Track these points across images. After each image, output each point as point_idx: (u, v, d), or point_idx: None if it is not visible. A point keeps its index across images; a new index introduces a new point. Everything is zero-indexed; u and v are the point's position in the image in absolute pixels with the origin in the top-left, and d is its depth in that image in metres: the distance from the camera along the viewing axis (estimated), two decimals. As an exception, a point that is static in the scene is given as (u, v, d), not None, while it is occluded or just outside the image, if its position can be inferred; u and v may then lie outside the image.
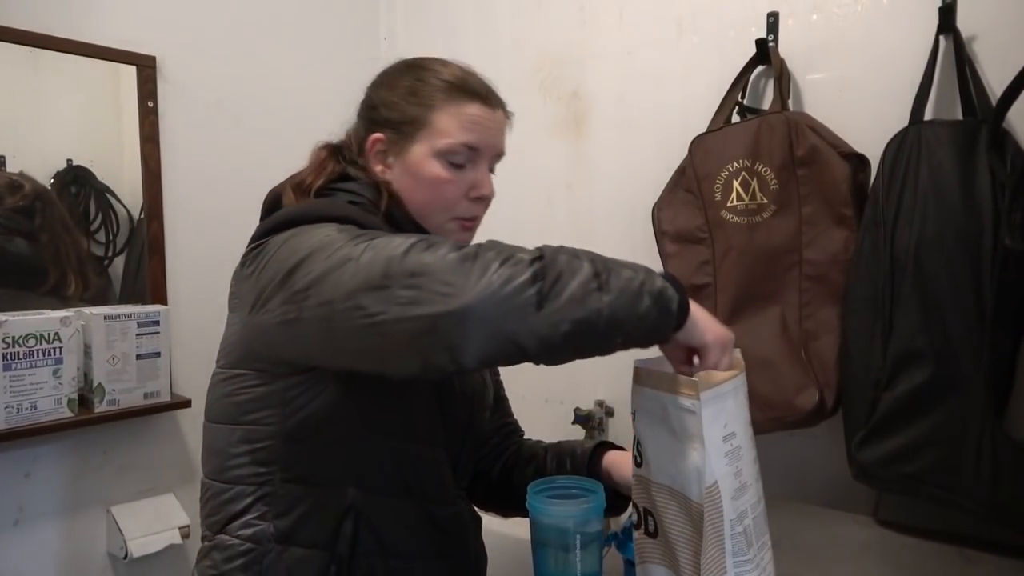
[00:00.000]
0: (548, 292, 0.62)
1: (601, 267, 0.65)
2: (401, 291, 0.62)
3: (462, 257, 0.63)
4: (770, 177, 1.31)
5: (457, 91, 0.90)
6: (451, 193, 0.90)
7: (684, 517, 0.74)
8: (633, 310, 0.65)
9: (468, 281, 0.61)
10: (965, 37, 1.22)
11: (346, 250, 0.68)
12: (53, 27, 1.52)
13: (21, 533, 1.50)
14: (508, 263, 0.62)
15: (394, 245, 0.65)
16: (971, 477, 1.07)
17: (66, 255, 1.57)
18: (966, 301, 1.07)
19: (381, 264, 0.64)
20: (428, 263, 0.63)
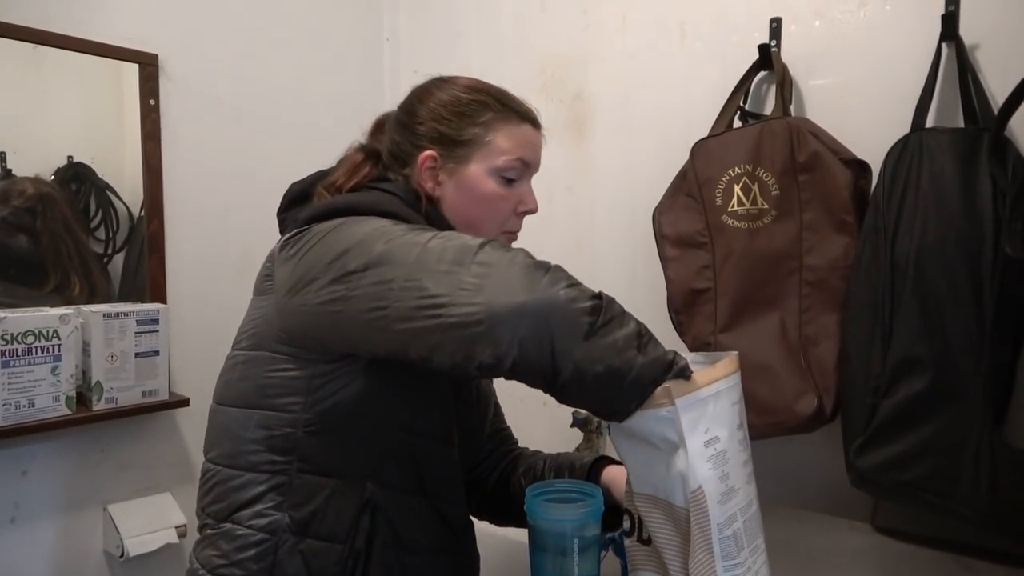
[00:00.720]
0: (600, 328, 0.66)
1: (644, 331, 0.70)
2: (469, 278, 0.67)
3: (537, 264, 0.69)
4: (771, 182, 1.31)
5: (511, 112, 0.93)
6: (504, 208, 0.94)
7: (670, 524, 0.74)
8: (656, 381, 0.69)
9: (537, 284, 0.66)
10: (967, 45, 1.22)
11: (410, 236, 0.72)
12: (56, 24, 1.52)
13: (18, 531, 1.50)
14: (575, 287, 0.68)
15: (468, 238, 0.71)
16: (969, 485, 1.07)
17: (68, 256, 1.57)
18: (966, 309, 1.07)
19: (453, 251, 0.69)
20: (504, 258, 0.68)
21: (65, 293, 1.57)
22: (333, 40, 2.05)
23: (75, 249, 1.59)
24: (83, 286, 1.59)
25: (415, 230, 0.74)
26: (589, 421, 1.75)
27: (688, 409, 0.71)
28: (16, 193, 1.51)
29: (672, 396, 0.70)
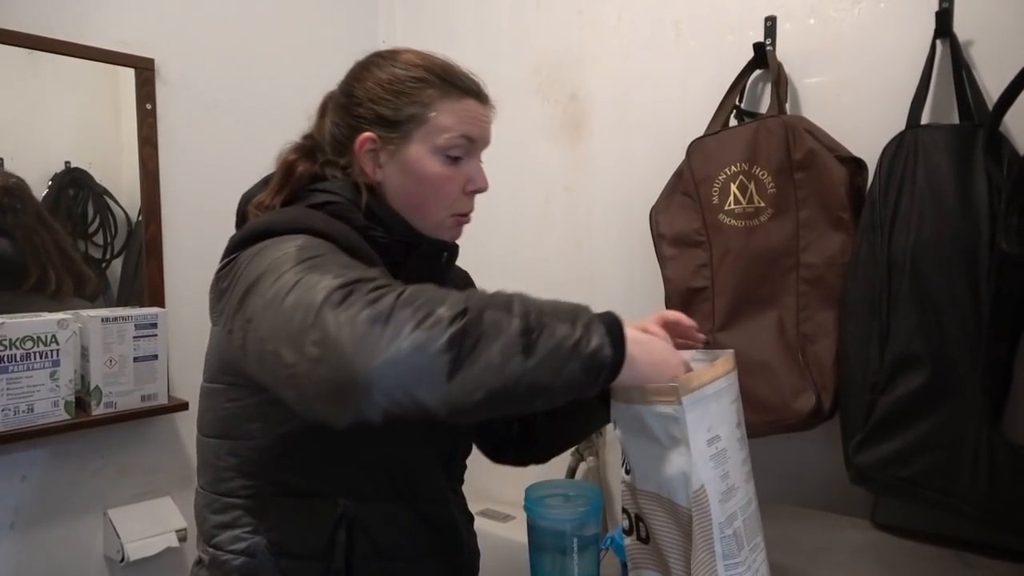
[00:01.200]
0: (464, 359, 0.59)
1: (534, 323, 0.63)
2: (311, 348, 0.60)
3: (374, 318, 0.59)
4: (767, 181, 1.31)
5: (452, 87, 0.88)
6: (451, 190, 0.89)
7: (672, 523, 0.74)
8: (557, 376, 0.63)
9: (377, 347, 0.57)
10: (962, 41, 1.22)
11: (281, 282, 0.66)
12: (52, 29, 1.52)
13: (17, 536, 1.50)
14: (423, 325, 0.59)
15: (316, 291, 0.62)
16: (968, 481, 1.07)
17: (44, 250, 1.53)
18: (963, 305, 1.07)
19: (300, 313, 0.62)
20: (338, 323, 0.59)
21: (46, 290, 1.54)
22: (329, 43, 2.05)
23: (52, 242, 1.55)
24: (63, 280, 1.55)
25: (299, 265, 0.68)
26: (588, 421, 1.75)
27: (693, 407, 0.71)
28: None
29: (679, 394, 0.70)
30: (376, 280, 0.64)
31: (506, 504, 1.81)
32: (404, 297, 0.61)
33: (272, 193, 0.88)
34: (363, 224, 0.85)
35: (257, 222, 0.81)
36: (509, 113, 1.90)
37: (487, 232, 1.97)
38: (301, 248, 0.72)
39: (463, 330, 0.59)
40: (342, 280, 0.63)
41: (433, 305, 0.60)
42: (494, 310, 0.62)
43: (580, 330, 0.64)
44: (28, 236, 1.52)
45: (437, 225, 0.91)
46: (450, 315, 0.60)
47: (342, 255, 0.74)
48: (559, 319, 0.64)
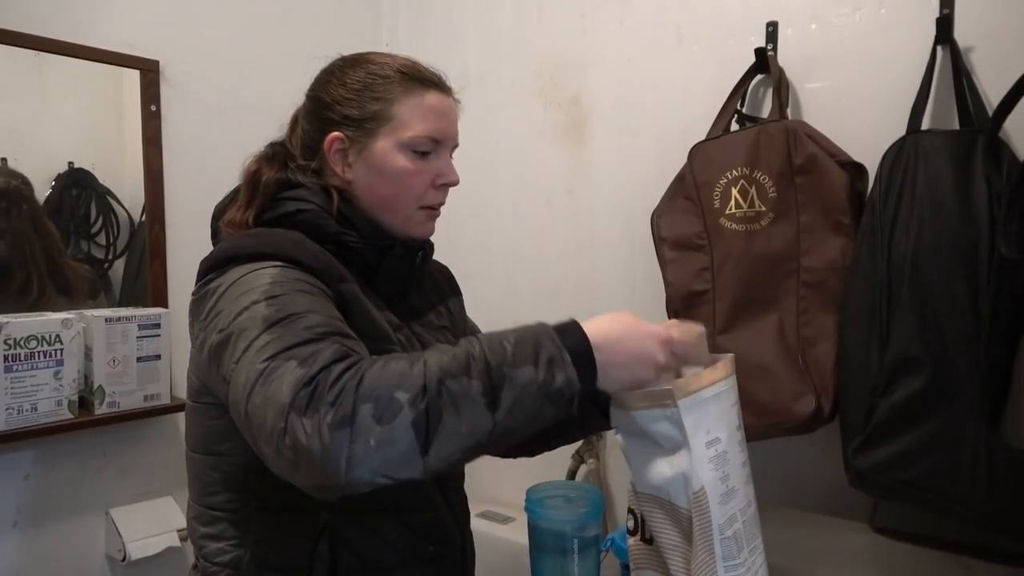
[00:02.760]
0: (432, 435, 0.61)
1: (496, 377, 0.63)
2: (287, 451, 0.61)
3: (339, 422, 0.59)
4: (768, 185, 1.32)
5: (413, 81, 0.89)
6: (419, 183, 0.90)
7: (672, 524, 0.75)
8: (529, 418, 0.65)
9: (346, 453, 0.59)
10: (962, 48, 1.23)
11: (250, 359, 0.67)
12: (57, 31, 1.53)
13: (20, 535, 1.50)
14: (386, 418, 0.60)
15: (282, 391, 0.62)
16: (967, 484, 1.07)
17: (32, 257, 1.52)
18: (962, 309, 1.08)
19: (271, 414, 0.62)
20: (306, 433, 0.60)
21: (27, 297, 1.52)
22: (333, 45, 2.03)
23: (41, 249, 1.53)
24: (46, 287, 1.54)
25: (271, 334, 0.68)
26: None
27: (691, 410, 0.71)
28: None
29: (675, 396, 0.70)
30: (338, 361, 0.64)
31: (506, 506, 1.81)
32: (364, 388, 0.61)
33: (242, 207, 0.89)
34: (335, 230, 0.86)
35: (225, 247, 0.82)
36: (511, 117, 1.92)
37: (489, 235, 1.99)
38: (269, 298, 0.72)
39: (425, 410, 0.61)
40: (306, 373, 0.63)
41: (393, 389, 0.61)
42: (453, 378, 0.63)
43: (543, 371, 0.65)
44: (19, 242, 1.51)
45: (407, 219, 0.91)
46: (409, 397, 0.61)
47: (305, 295, 0.74)
48: (521, 363, 0.65)
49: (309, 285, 0.77)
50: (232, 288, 0.76)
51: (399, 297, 0.96)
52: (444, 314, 1.04)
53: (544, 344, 0.67)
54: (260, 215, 0.88)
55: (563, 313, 2.01)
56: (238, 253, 0.80)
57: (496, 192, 1.95)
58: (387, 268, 0.91)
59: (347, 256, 0.88)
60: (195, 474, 0.89)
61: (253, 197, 0.89)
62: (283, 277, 0.75)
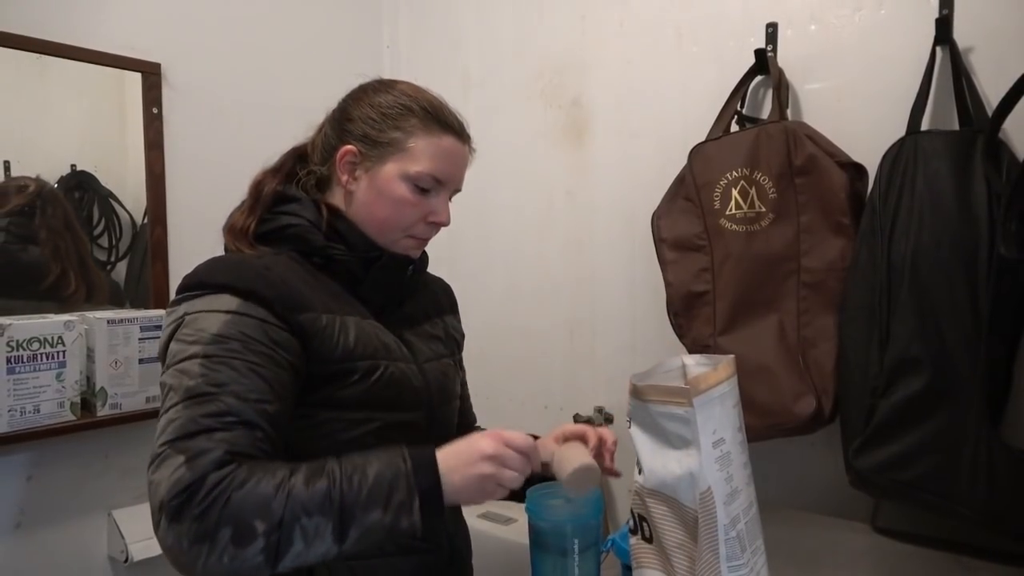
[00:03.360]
0: (282, 559, 0.71)
1: (347, 518, 0.72)
2: (159, 536, 0.71)
3: (199, 536, 0.68)
4: (768, 186, 1.32)
5: (434, 122, 0.94)
6: (411, 215, 0.95)
7: (678, 523, 0.75)
8: (370, 547, 0.75)
9: (200, 565, 0.69)
10: (961, 48, 1.23)
11: (161, 430, 0.75)
12: (59, 34, 1.53)
13: (22, 536, 1.50)
14: (241, 543, 0.69)
15: (159, 492, 0.70)
16: (967, 484, 1.07)
17: (66, 253, 1.57)
18: (962, 309, 1.08)
19: (153, 502, 0.71)
20: (170, 537, 0.69)
21: (62, 293, 1.56)
22: (334, 48, 2.07)
23: (74, 247, 1.59)
24: (79, 285, 1.59)
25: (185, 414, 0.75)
26: (590, 424, 1.76)
27: (702, 408, 0.72)
28: (15, 189, 1.51)
29: (690, 396, 0.71)
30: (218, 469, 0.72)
31: (507, 506, 1.82)
32: (227, 511, 0.69)
33: (245, 215, 0.96)
34: (321, 244, 0.92)
35: (200, 270, 0.87)
36: (512, 118, 1.93)
37: (490, 235, 1.99)
38: (205, 357, 0.78)
39: (276, 542, 0.70)
40: (185, 479, 0.70)
41: (252, 519, 0.70)
42: (308, 515, 0.71)
43: (391, 515, 0.74)
44: (53, 239, 1.56)
45: (393, 242, 0.96)
46: (265, 528, 0.70)
47: (239, 360, 0.79)
48: (372, 505, 0.73)
49: (252, 343, 0.80)
50: (188, 323, 0.82)
51: (393, 307, 1.00)
52: (439, 325, 1.09)
53: (398, 487, 0.75)
54: (259, 225, 0.94)
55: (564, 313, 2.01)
56: (204, 281, 0.85)
57: (497, 193, 1.95)
58: (373, 279, 0.95)
59: (335, 268, 0.93)
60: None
61: (255, 206, 0.96)
62: (230, 330, 0.80)
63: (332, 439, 0.88)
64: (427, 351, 1.01)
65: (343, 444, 0.88)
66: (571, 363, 1.84)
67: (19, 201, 1.52)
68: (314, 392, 0.86)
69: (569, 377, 1.85)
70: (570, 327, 1.85)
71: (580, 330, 1.83)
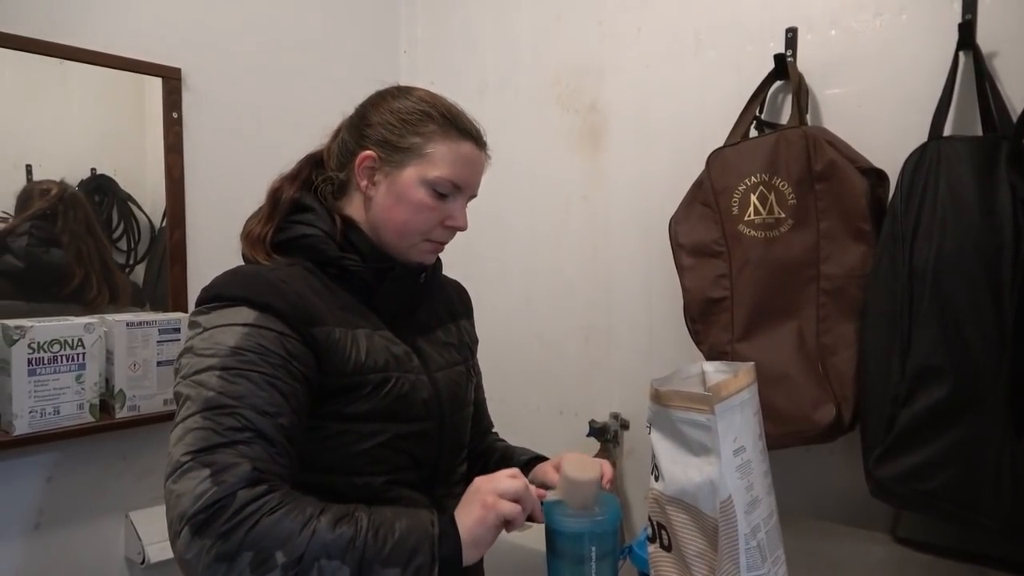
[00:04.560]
0: None
1: (364, 570, 0.71)
2: (178, 549, 0.70)
3: (220, 556, 0.68)
4: (788, 191, 1.31)
5: (452, 128, 0.95)
6: (430, 219, 0.95)
7: (698, 532, 0.74)
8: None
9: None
10: (985, 53, 1.22)
11: (179, 437, 0.74)
12: (81, 39, 1.55)
13: (41, 537, 1.52)
14: (259, 571, 0.68)
15: (184, 501, 0.70)
16: (991, 495, 1.06)
17: (88, 258, 1.59)
18: (986, 317, 1.07)
19: (174, 515, 0.70)
20: (192, 553, 0.68)
21: (86, 297, 1.59)
22: (352, 52, 2.08)
23: (96, 251, 1.61)
24: (102, 289, 1.61)
25: (206, 426, 0.75)
26: (605, 430, 1.75)
27: (723, 416, 0.71)
28: (39, 193, 1.53)
29: (712, 403, 0.70)
30: (247, 488, 0.71)
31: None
32: (252, 536, 0.69)
33: (263, 222, 0.97)
34: (335, 255, 0.94)
35: (217, 282, 0.88)
36: (528, 123, 1.93)
37: (506, 241, 1.99)
38: (223, 369, 0.78)
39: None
40: (212, 494, 0.70)
41: (274, 549, 0.69)
42: (328, 559, 0.70)
43: (411, 573, 0.73)
44: (75, 242, 1.57)
45: (410, 247, 0.97)
46: (285, 562, 0.69)
47: (257, 374, 0.79)
48: (392, 563, 0.72)
49: (270, 355, 0.81)
50: (206, 335, 0.82)
51: (405, 314, 1.00)
52: (453, 331, 1.09)
53: (421, 550, 0.74)
54: (276, 234, 0.96)
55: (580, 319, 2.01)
56: (221, 294, 0.86)
57: (513, 198, 1.95)
58: (387, 290, 0.96)
59: (348, 278, 0.94)
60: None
61: (272, 214, 0.97)
62: (247, 343, 0.80)
63: (343, 451, 0.88)
64: (439, 360, 1.01)
65: (354, 456, 0.89)
66: (587, 369, 1.83)
67: (42, 205, 1.53)
68: (325, 404, 0.87)
69: (585, 383, 1.84)
70: (586, 333, 1.84)
71: (596, 336, 1.82)
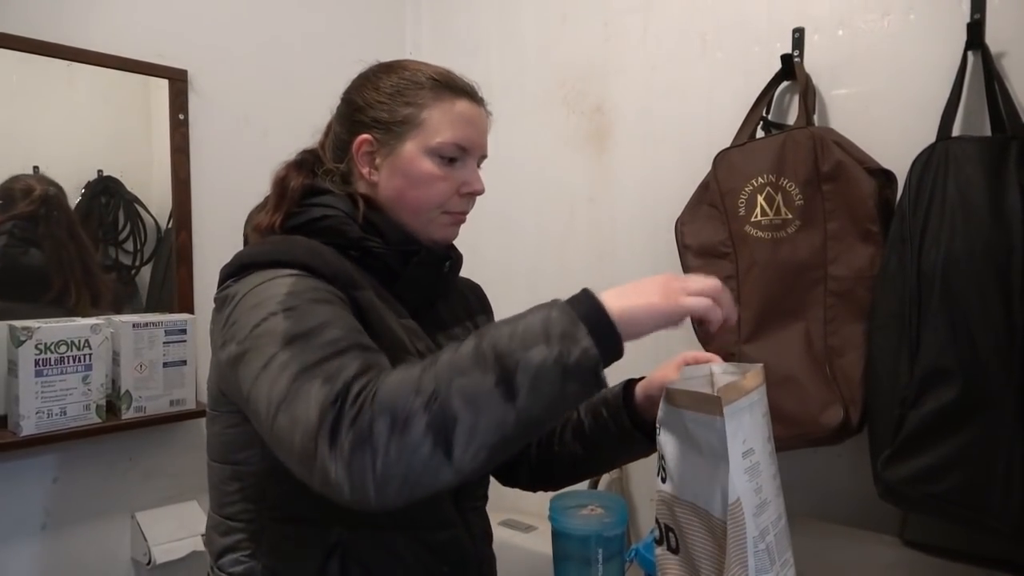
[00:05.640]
0: (452, 437, 0.60)
1: (509, 364, 0.61)
2: (317, 476, 0.62)
3: (359, 442, 0.59)
4: (795, 192, 1.31)
5: (445, 89, 0.90)
6: (443, 190, 0.90)
7: (707, 534, 0.74)
8: (551, 401, 0.63)
9: (370, 475, 0.59)
10: (994, 53, 1.21)
11: (271, 377, 0.67)
12: (88, 41, 1.56)
13: (48, 537, 1.52)
14: (401, 430, 0.59)
15: (310, 413, 0.62)
16: (1000, 497, 1.05)
17: (69, 264, 1.55)
18: (995, 319, 1.06)
19: (299, 437, 0.62)
20: (335, 462, 0.60)
21: (66, 303, 1.55)
22: (357, 54, 2.05)
23: (77, 256, 1.56)
24: (82, 294, 1.57)
25: (291, 351, 0.67)
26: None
27: (732, 418, 0.71)
28: (21, 193, 1.49)
29: (721, 405, 0.70)
30: (359, 376, 0.64)
31: (528, 514, 1.80)
32: (379, 401, 0.61)
33: (270, 212, 0.90)
34: (358, 236, 0.87)
35: (243, 253, 0.83)
36: (534, 125, 1.92)
37: (511, 243, 1.98)
38: (286, 310, 0.71)
39: (440, 412, 0.60)
40: (331, 391, 0.62)
41: (405, 397, 0.61)
42: (463, 374, 0.61)
43: (556, 346, 0.62)
44: (56, 249, 1.53)
45: (429, 222, 0.91)
46: (422, 402, 0.60)
47: (323, 305, 0.74)
48: (531, 343, 0.62)
49: (327, 293, 0.76)
50: (248, 297, 0.75)
51: (425, 307, 0.95)
52: (471, 329, 1.00)
53: (554, 319, 0.64)
54: (286, 220, 0.88)
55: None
56: (254, 260, 0.80)
57: (519, 200, 1.95)
58: (411, 275, 0.90)
59: (371, 263, 0.88)
60: (214, 483, 0.89)
61: (280, 202, 0.90)
62: (300, 287, 0.75)
63: None
64: None
65: None
66: (592, 370, 1.83)
67: (24, 208, 1.50)
68: None
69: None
70: (592, 334, 1.83)
71: (602, 337, 1.81)
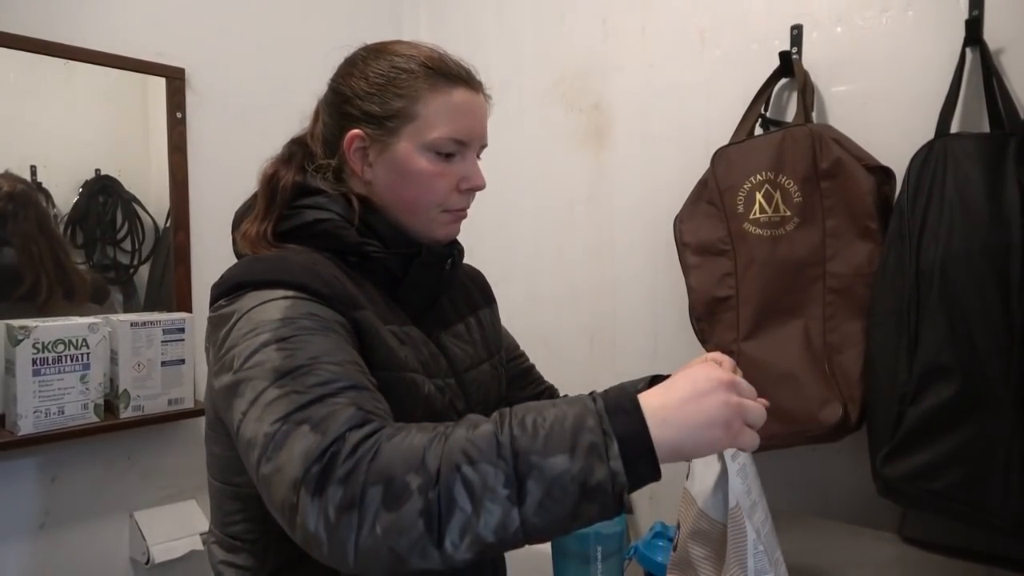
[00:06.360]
0: (445, 532, 0.55)
1: (523, 466, 0.55)
2: (298, 531, 0.57)
3: (347, 504, 0.55)
4: (793, 189, 1.31)
5: (439, 77, 0.84)
6: (441, 187, 0.84)
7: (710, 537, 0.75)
8: (561, 517, 0.56)
9: (352, 540, 0.55)
10: (992, 49, 1.21)
11: (258, 414, 0.62)
12: (85, 40, 1.56)
13: (46, 537, 1.52)
14: (393, 506, 0.55)
15: (294, 465, 0.57)
16: (999, 495, 1.05)
17: (40, 259, 1.52)
18: (994, 315, 1.06)
19: (282, 488, 0.58)
20: (316, 517, 0.56)
21: (36, 299, 1.52)
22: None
23: (48, 251, 1.54)
24: (54, 289, 1.54)
25: (281, 389, 0.63)
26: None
27: None
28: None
29: None
30: (355, 428, 0.59)
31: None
32: (376, 466, 0.56)
33: (260, 217, 0.84)
34: (356, 241, 0.82)
35: (235, 272, 0.78)
36: (532, 122, 1.92)
37: (510, 240, 1.98)
38: (279, 340, 0.67)
39: (436, 500, 0.55)
40: (319, 444, 0.58)
41: (405, 472, 0.56)
42: (471, 464, 0.56)
43: (581, 460, 0.56)
44: (26, 244, 1.51)
45: (429, 222, 0.86)
46: (420, 483, 0.55)
47: (318, 336, 0.69)
48: (553, 448, 0.56)
49: (322, 320, 0.71)
50: (243, 321, 0.71)
51: (427, 306, 0.91)
52: (475, 326, 0.99)
53: (586, 426, 0.57)
54: (277, 225, 0.84)
55: (585, 319, 2.00)
56: (247, 280, 0.75)
57: (517, 198, 1.95)
58: (414, 278, 0.86)
59: (370, 267, 0.84)
60: (216, 501, 0.86)
61: (270, 206, 0.85)
62: (295, 312, 0.70)
63: None
64: (465, 359, 0.93)
65: None
66: (591, 369, 1.83)
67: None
68: None
69: (589, 383, 1.82)
70: (590, 333, 1.84)
71: (601, 336, 1.82)
